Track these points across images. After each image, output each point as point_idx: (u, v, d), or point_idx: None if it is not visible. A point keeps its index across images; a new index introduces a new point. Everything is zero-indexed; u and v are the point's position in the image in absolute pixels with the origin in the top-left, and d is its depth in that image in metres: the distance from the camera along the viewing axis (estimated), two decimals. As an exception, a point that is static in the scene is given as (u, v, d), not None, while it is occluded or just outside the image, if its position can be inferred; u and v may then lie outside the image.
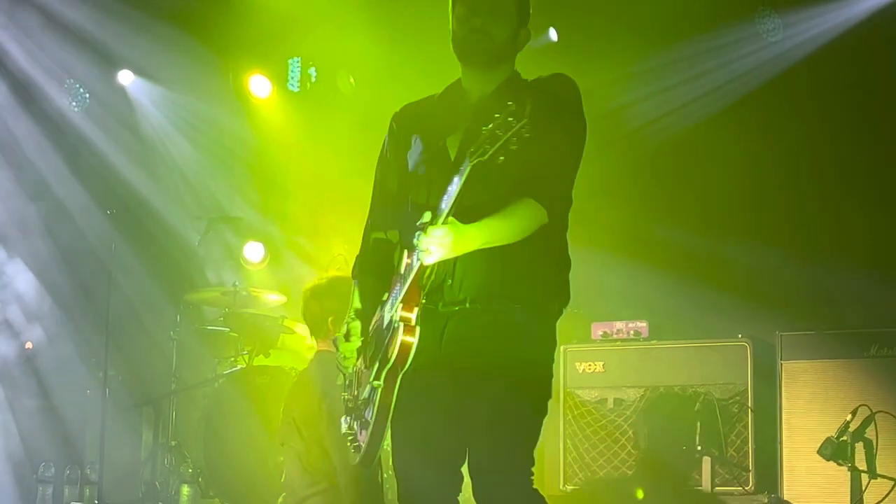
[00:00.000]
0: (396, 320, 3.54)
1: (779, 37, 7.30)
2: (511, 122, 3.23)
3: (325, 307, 5.54)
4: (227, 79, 8.81)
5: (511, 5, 3.76)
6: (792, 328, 6.41)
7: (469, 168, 3.30)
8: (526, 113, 3.24)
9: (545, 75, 3.78)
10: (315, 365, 5.71)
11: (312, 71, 8.82)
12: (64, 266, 8.54)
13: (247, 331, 7.58)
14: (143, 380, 8.15)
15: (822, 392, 6.23)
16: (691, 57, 7.52)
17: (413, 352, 3.51)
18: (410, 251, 3.53)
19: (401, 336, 3.50)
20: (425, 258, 3.43)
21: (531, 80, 3.79)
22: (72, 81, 8.54)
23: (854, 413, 5.78)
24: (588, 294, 5.45)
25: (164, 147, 8.98)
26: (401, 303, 3.54)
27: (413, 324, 3.52)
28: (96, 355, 7.77)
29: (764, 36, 7.32)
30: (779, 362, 6.36)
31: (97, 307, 7.92)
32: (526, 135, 3.25)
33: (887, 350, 6.14)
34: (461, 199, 3.37)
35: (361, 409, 3.76)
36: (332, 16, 7.96)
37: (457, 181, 3.35)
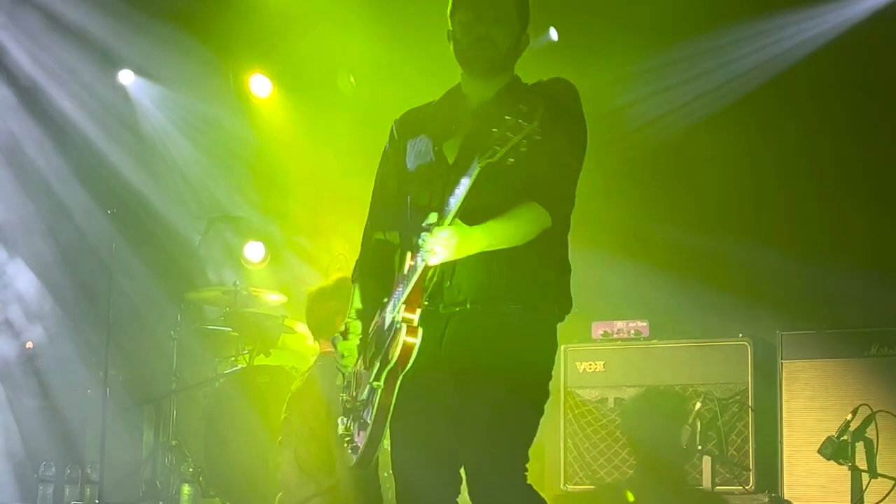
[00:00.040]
0: (398, 321, 3.53)
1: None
2: (522, 125, 3.22)
3: (332, 308, 5.54)
4: (228, 78, 8.81)
5: (514, 11, 3.74)
6: (792, 327, 6.40)
7: (478, 169, 3.29)
8: (537, 115, 3.23)
9: (545, 79, 3.77)
10: (320, 366, 5.71)
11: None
12: (65, 266, 8.54)
13: (247, 330, 7.59)
14: (144, 379, 8.15)
15: (823, 391, 6.23)
16: (691, 57, 7.51)
17: (415, 353, 3.51)
18: (414, 252, 3.52)
19: (403, 337, 3.49)
20: (430, 259, 3.42)
21: (531, 84, 3.78)
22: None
23: (854, 412, 5.77)
24: (588, 293, 5.44)
25: (165, 147, 8.98)
26: (403, 304, 3.53)
27: (415, 325, 3.52)
28: (97, 355, 7.78)
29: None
30: (779, 362, 6.35)
31: (98, 307, 7.92)
32: (536, 137, 3.24)
33: (888, 349, 6.14)
34: (468, 201, 3.36)
35: (360, 410, 3.75)
36: (333, 15, 7.96)
37: (465, 182, 3.33)
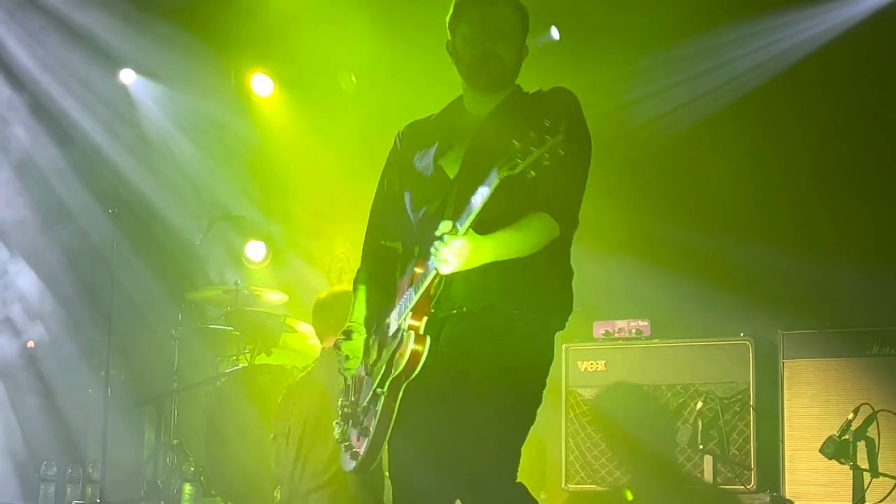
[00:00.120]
0: (405, 329, 3.53)
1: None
2: (546, 138, 3.19)
3: (339, 315, 5.55)
4: (229, 77, 8.81)
5: (517, 25, 3.73)
6: (794, 327, 6.40)
7: (497, 181, 3.26)
8: (561, 130, 3.20)
9: (545, 89, 3.75)
10: (324, 362, 5.72)
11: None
12: (66, 265, 8.55)
13: (248, 329, 7.58)
14: (145, 378, 8.16)
15: (824, 391, 6.22)
16: (691, 56, 7.51)
17: (422, 361, 3.51)
18: (423, 260, 3.52)
19: (412, 345, 3.49)
20: (442, 268, 3.40)
21: (532, 94, 3.78)
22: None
23: (856, 412, 5.77)
24: (590, 293, 5.43)
25: (166, 146, 8.98)
26: (411, 311, 3.53)
27: (422, 333, 3.52)
28: (98, 354, 7.78)
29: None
30: (781, 361, 6.35)
31: (99, 306, 7.93)
32: (560, 152, 3.21)
33: (889, 349, 6.13)
34: (484, 211, 3.34)
35: (360, 417, 3.74)
36: (334, 14, 7.96)
37: (483, 192, 3.30)
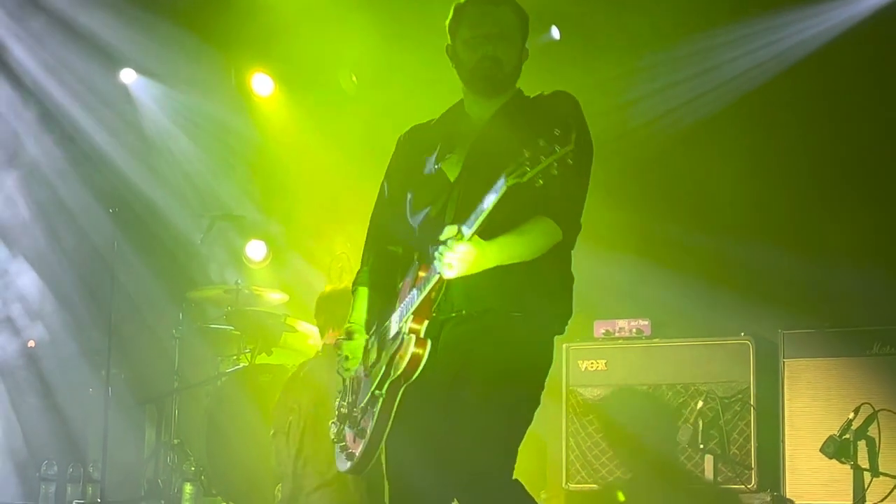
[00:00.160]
0: (405, 332, 3.53)
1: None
2: (556, 148, 3.19)
3: (341, 312, 5.55)
4: (230, 77, 8.81)
5: (517, 28, 3.73)
6: (795, 326, 6.40)
7: (505, 188, 3.25)
8: (571, 140, 3.19)
9: (546, 93, 3.76)
10: (324, 358, 5.72)
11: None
12: (66, 264, 8.55)
13: (249, 329, 7.58)
14: (146, 378, 8.16)
15: (825, 390, 6.22)
16: (692, 55, 7.50)
17: (422, 365, 3.51)
18: (426, 264, 3.52)
19: (412, 348, 3.49)
20: (447, 273, 3.39)
21: (532, 98, 3.78)
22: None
23: (857, 411, 5.78)
24: (590, 292, 5.43)
25: (167, 145, 8.98)
26: (412, 314, 3.53)
27: (422, 336, 3.52)
28: (99, 354, 7.79)
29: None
30: (781, 360, 6.34)
31: (100, 305, 7.93)
32: (570, 162, 3.21)
33: (890, 348, 6.13)
34: (490, 217, 3.33)
35: (357, 418, 3.74)
36: (334, 13, 7.95)
37: (490, 199, 3.29)
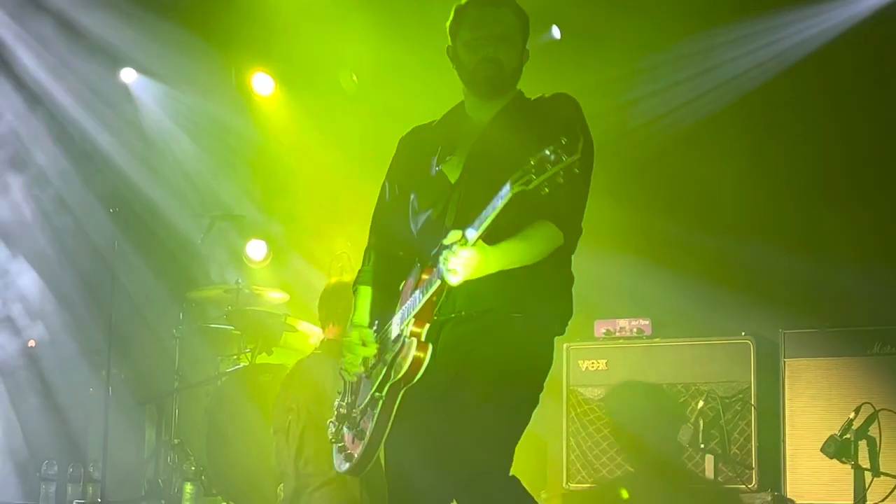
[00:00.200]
0: (407, 335, 3.53)
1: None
2: (562, 157, 3.18)
3: (346, 305, 5.56)
4: (230, 76, 8.81)
5: (517, 29, 3.73)
6: (795, 326, 6.40)
7: (510, 195, 3.24)
8: (578, 149, 3.19)
9: (546, 95, 3.75)
10: (324, 353, 5.72)
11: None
12: (67, 264, 8.55)
13: (249, 328, 7.57)
14: (146, 378, 8.15)
15: (826, 390, 6.22)
16: (692, 55, 7.50)
17: (423, 368, 3.50)
18: (429, 268, 3.52)
19: (414, 352, 3.50)
20: (450, 278, 3.39)
21: (533, 100, 3.78)
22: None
23: (857, 411, 5.78)
24: (591, 291, 5.43)
25: (167, 145, 8.98)
26: (414, 317, 3.53)
27: (424, 339, 3.52)
28: (99, 353, 7.79)
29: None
30: (782, 360, 6.34)
31: (100, 305, 7.93)
32: (576, 171, 3.21)
33: (890, 348, 6.13)
34: (493, 222, 3.33)
35: (357, 419, 3.74)
36: (335, 12, 7.95)
37: (496, 204, 3.29)
